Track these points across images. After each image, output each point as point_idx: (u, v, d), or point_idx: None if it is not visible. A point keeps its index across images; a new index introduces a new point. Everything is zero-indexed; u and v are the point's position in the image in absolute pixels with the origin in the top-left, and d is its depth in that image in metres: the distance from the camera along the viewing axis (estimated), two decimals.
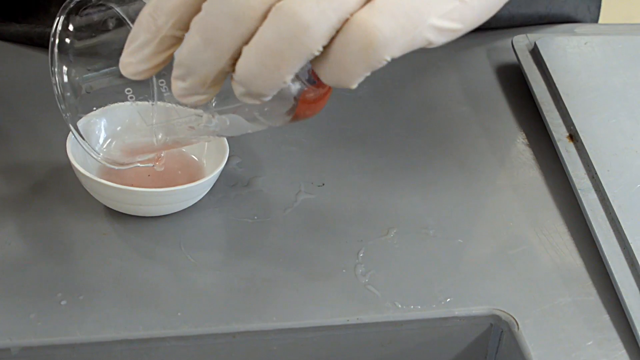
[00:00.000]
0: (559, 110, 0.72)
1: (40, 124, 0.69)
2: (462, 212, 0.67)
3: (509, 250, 0.64)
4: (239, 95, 0.51)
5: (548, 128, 0.71)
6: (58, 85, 0.58)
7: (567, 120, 0.71)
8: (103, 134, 0.64)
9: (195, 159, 0.66)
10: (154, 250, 0.62)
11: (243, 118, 0.55)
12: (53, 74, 0.58)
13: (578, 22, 0.85)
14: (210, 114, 0.56)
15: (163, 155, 0.64)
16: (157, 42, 0.52)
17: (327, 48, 0.49)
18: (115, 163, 0.62)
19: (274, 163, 0.69)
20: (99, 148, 0.63)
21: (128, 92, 0.60)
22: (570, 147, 0.70)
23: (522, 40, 0.78)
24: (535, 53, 0.77)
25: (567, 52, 0.77)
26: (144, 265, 0.61)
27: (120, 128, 0.64)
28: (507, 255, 0.64)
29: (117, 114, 0.64)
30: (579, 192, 0.67)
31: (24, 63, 0.75)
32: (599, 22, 0.89)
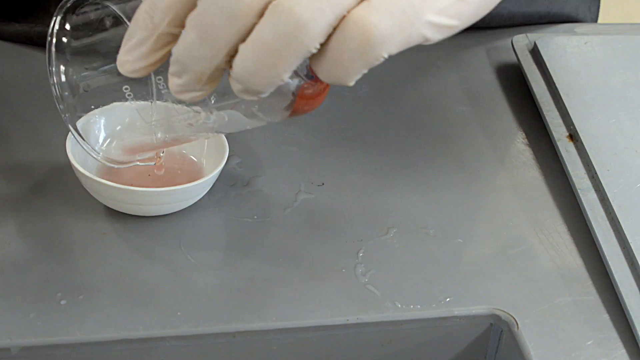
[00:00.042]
0: (559, 110, 0.72)
1: (40, 124, 0.69)
2: (462, 211, 0.67)
3: (509, 250, 0.64)
4: (237, 92, 0.51)
5: (548, 128, 0.71)
6: (56, 86, 0.58)
7: (567, 120, 0.71)
8: (102, 133, 0.64)
9: (195, 159, 0.66)
10: (154, 250, 0.62)
11: (241, 114, 0.55)
12: (51, 74, 0.58)
13: (579, 21, 0.85)
14: (209, 110, 0.56)
15: (162, 155, 0.64)
16: (153, 39, 0.51)
17: (324, 45, 0.49)
18: (115, 162, 0.62)
19: (274, 163, 0.69)
20: (99, 147, 0.63)
21: (126, 89, 0.60)
22: (570, 146, 0.70)
23: (522, 40, 0.78)
24: (535, 53, 0.77)
25: (567, 51, 0.77)
26: (144, 265, 0.61)
27: (120, 127, 0.64)
28: (506, 255, 0.64)
29: (116, 113, 0.64)
30: (579, 191, 0.67)
31: (24, 63, 0.75)
32: (598, 21, 0.89)
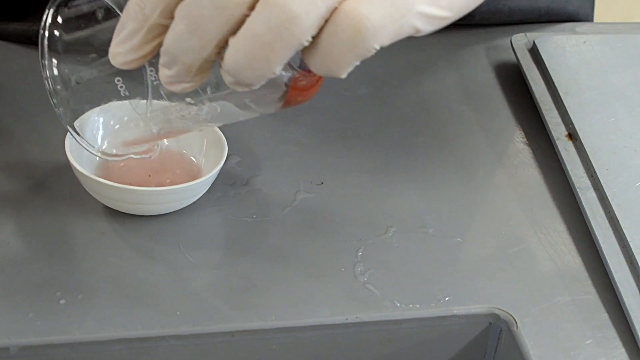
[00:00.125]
0: (558, 109, 0.72)
1: (40, 123, 0.69)
2: (461, 211, 0.67)
3: (508, 249, 0.64)
4: (228, 84, 0.51)
5: (547, 127, 0.71)
6: (49, 79, 0.58)
7: (566, 119, 0.71)
8: (97, 127, 0.64)
9: (194, 158, 0.66)
10: (153, 250, 0.62)
11: (234, 105, 0.55)
12: (44, 68, 0.58)
13: (579, 19, 0.85)
14: (201, 102, 0.56)
15: (157, 148, 0.64)
16: (144, 31, 0.51)
17: (316, 38, 0.49)
18: (111, 155, 0.62)
19: (273, 162, 0.68)
20: (94, 141, 0.63)
21: (118, 81, 0.60)
22: (569, 145, 0.70)
23: (521, 39, 0.78)
24: (534, 52, 0.77)
25: (566, 50, 0.77)
26: (143, 265, 0.61)
27: (114, 120, 0.64)
28: (506, 254, 0.64)
29: (110, 107, 0.64)
30: (578, 190, 0.67)
31: (23, 62, 0.75)
32: (595, 20, 0.89)
